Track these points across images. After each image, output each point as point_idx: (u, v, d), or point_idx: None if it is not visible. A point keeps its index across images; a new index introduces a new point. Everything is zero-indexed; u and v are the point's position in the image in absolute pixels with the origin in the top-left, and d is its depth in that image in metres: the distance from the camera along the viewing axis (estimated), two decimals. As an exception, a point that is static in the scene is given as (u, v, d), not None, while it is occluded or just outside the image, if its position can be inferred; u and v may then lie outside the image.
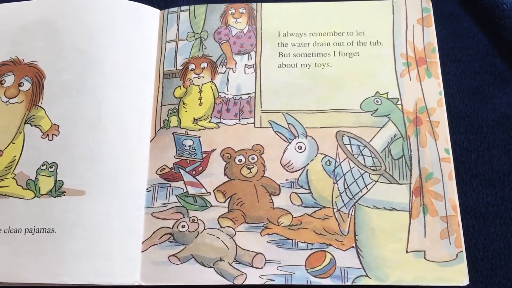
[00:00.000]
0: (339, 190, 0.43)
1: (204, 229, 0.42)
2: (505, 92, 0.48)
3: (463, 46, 0.50)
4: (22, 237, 0.41)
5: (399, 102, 0.45)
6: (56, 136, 0.44)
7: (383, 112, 0.45)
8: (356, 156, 0.44)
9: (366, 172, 0.43)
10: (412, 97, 0.46)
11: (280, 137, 0.45)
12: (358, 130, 0.44)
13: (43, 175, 0.43)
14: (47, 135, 0.44)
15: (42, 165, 0.43)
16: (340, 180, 0.43)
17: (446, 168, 0.43)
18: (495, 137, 0.46)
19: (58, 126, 0.44)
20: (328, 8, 0.49)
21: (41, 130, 0.44)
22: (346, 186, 0.43)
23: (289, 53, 0.48)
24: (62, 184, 0.42)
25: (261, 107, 0.46)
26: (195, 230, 0.42)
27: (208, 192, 0.43)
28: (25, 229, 0.41)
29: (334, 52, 0.48)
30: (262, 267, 0.40)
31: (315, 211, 0.42)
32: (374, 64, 0.47)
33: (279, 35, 0.49)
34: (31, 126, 0.44)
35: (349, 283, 0.40)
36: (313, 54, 0.48)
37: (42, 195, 0.42)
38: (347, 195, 0.42)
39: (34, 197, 0.42)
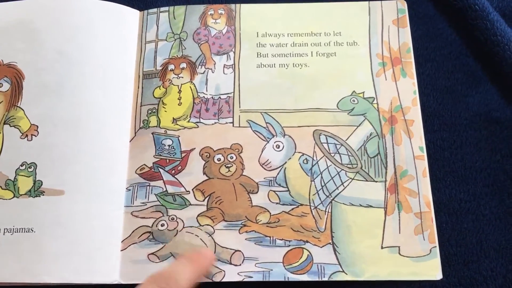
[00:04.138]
0: (316, 188, 0.43)
1: (183, 227, 0.42)
2: (477, 91, 0.49)
3: (437, 46, 0.51)
4: (1, 237, 0.41)
5: (375, 101, 0.46)
6: (35, 136, 0.44)
7: (359, 111, 0.46)
8: (333, 155, 0.44)
9: (343, 170, 0.44)
10: (388, 97, 0.46)
11: (259, 136, 0.45)
12: (335, 129, 0.45)
13: (22, 175, 0.43)
14: (26, 135, 0.44)
15: (21, 165, 0.43)
16: (317, 178, 0.44)
17: (420, 166, 0.44)
18: (467, 135, 0.47)
19: (37, 127, 0.44)
20: (305, 9, 0.50)
21: (20, 131, 0.44)
22: (323, 184, 0.44)
23: (267, 54, 0.48)
24: (41, 184, 0.42)
25: (239, 107, 0.46)
26: (174, 228, 0.42)
27: (187, 191, 0.44)
28: (4, 229, 0.41)
29: (312, 52, 0.48)
30: (240, 264, 0.41)
31: (292, 209, 0.43)
32: (351, 64, 0.48)
33: (257, 36, 0.49)
34: (10, 126, 0.44)
35: (325, 279, 0.41)
36: (291, 54, 0.48)
37: (21, 195, 0.42)
38: (324, 193, 0.43)
39: (13, 197, 0.42)
